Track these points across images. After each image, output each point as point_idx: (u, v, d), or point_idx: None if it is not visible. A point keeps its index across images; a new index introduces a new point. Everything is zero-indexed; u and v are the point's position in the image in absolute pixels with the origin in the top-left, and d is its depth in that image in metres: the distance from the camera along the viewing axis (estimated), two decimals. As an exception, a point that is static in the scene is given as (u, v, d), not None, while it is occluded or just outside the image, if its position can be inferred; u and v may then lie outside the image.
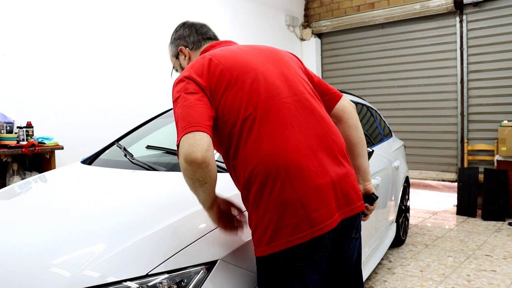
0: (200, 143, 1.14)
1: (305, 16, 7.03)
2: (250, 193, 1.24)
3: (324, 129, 1.32)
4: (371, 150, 2.36)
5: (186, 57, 1.56)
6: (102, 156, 2.46)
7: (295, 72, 1.39)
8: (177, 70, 1.62)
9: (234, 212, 1.40)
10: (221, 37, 1.64)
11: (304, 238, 1.18)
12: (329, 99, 1.51)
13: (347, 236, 1.36)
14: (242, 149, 1.24)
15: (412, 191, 5.81)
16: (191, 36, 1.56)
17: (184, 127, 1.17)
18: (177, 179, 1.89)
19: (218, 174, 1.85)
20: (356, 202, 1.32)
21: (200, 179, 1.19)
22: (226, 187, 1.71)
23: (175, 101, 1.27)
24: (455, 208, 5.22)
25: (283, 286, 1.23)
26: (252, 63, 1.33)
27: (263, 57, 1.38)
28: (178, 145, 1.19)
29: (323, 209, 1.21)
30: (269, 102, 1.26)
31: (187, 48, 1.56)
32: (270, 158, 1.20)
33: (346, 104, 1.52)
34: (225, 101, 1.26)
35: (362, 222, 1.45)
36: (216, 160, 1.93)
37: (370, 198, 1.54)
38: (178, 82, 1.30)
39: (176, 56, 1.59)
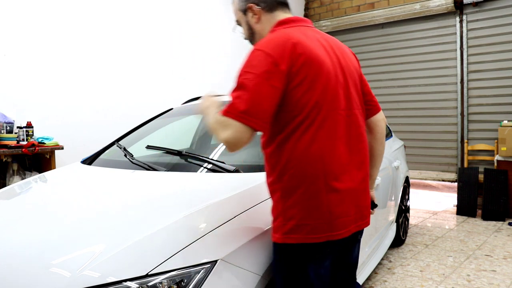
0: (245, 142, 1.23)
1: (305, 16, 7.03)
2: (282, 184, 1.31)
3: (361, 147, 1.43)
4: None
5: (256, 16, 1.47)
6: (102, 156, 2.46)
7: (355, 83, 1.45)
8: (240, 25, 1.54)
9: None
10: (222, 37, 1.63)
11: (320, 239, 1.30)
12: (369, 109, 1.58)
13: (354, 239, 1.52)
14: (293, 143, 1.29)
15: (412, 191, 5.81)
16: None
17: (243, 112, 1.20)
18: (177, 179, 1.89)
19: (216, 174, 1.86)
20: (367, 217, 1.48)
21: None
22: (227, 186, 1.72)
23: (246, 70, 1.25)
24: (455, 208, 5.22)
25: (298, 270, 1.34)
26: (327, 65, 1.34)
27: (336, 60, 1.39)
28: (225, 114, 1.22)
29: (344, 218, 1.33)
30: (329, 111, 1.32)
31: (258, 7, 1.46)
32: (315, 163, 1.28)
33: (380, 119, 1.62)
34: (294, 94, 1.27)
35: None
36: (217, 160, 1.94)
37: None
38: (258, 53, 1.26)
39: (244, 11, 1.49)
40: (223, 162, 1.89)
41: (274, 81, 1.23)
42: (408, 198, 4.17)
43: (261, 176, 1.77)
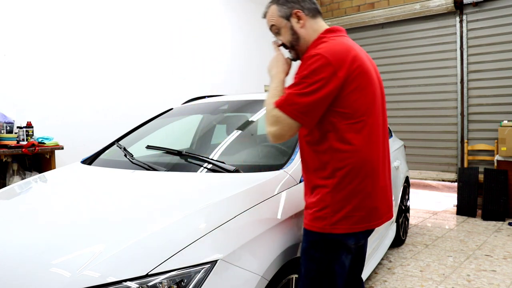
0: (289, 137, 1.42)
1: (305, 16, 7.03)
2: (334, 179, 1.42)
3: (388, 150, 1.61)
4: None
5: (302, 22, 1.54)
6: (102, 156, 2.46)
7: (384, 94, 1.63)
8: (277, 32, 1.59)
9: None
10: (222, 37, 1.63)
11: (362, 228, 1.47)
12: None
13: (369, 233, 1.66)
14: (347, 143, 1.42)
15: (412, 191, 5.81)
16: (306, 2, 1.55)
17: (296, 109, 1.37)
18: (177, 179, 1.89)
19: (216, 174, 1.86)
20: (392, 210, 1.61)
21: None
22: (227, 186, 1.71)
23: (306, 72, 1.37)
24: (455, 208, 5.22)
25: (332, 256, 1.48)
26: (373, 76, 1.51)
27: (375, 72, 1.56)
28: (279, 107, 1.39)
29: (380, 211, 1.51)
30: (375, 117, 1.49)
31: (304, 13, 1.54)
32: (366, 163, 1.44)
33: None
34: (348, 98, 1.41)
35: None
36: (217, 160, 1.94)
37: None
38: (319, 57, 1.37)
39: (287, 17, 1.55)
40: (223, 162, 1.89)
41: (330, 85, 1.36)
42: (408, 198, 4.17)
43: (261, 176, 1.77)
